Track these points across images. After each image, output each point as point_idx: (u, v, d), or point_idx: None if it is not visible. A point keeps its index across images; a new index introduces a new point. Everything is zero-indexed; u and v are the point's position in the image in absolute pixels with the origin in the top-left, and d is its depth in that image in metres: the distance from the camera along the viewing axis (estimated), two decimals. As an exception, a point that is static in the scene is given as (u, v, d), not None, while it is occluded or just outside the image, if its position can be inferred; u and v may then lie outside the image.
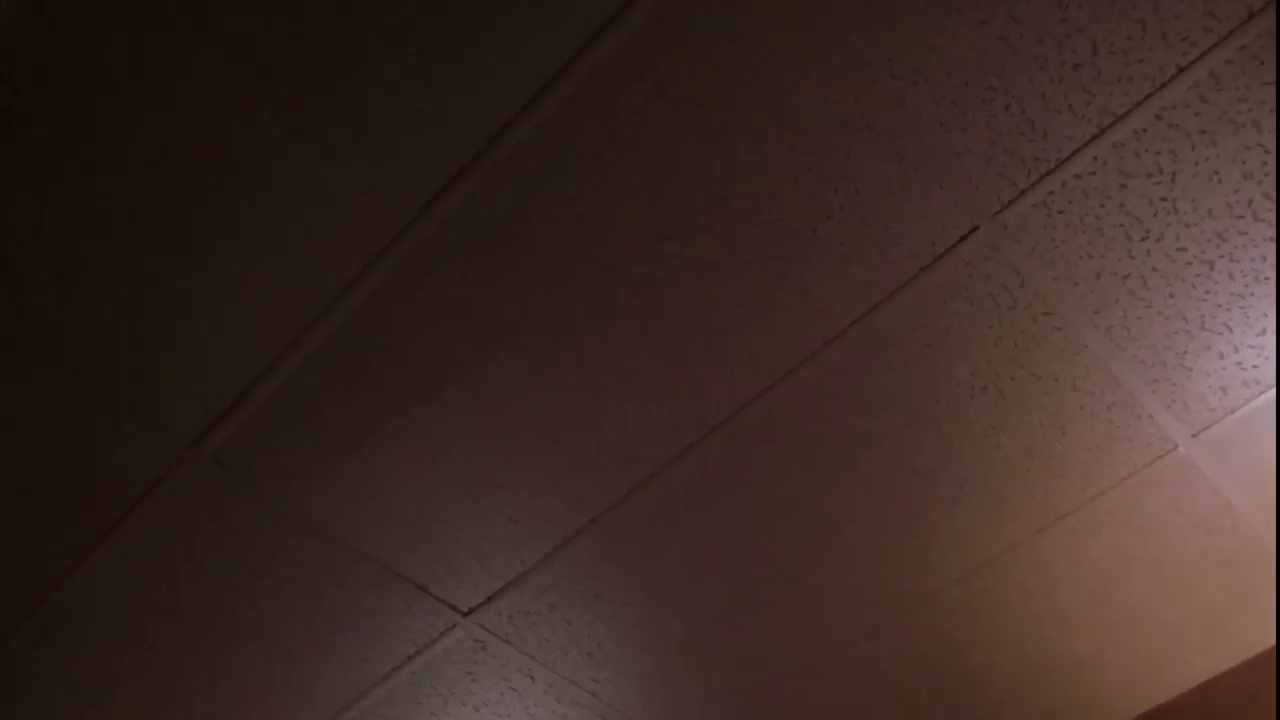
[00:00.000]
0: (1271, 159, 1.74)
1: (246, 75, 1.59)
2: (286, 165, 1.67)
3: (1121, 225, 1.80)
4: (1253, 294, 1.89)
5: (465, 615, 2.22)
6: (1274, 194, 1.78)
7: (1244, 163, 1.74)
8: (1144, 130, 1.70)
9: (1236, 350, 1.96)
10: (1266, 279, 1.88)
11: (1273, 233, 1.82)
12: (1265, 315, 1.92)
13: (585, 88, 1.62)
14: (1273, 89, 1.67)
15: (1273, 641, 2.45)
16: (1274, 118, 1.70)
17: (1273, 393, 2.02)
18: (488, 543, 2.11)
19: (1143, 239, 1.82)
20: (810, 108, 1.65)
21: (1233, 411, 2.04)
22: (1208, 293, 1.89)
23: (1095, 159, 1.73)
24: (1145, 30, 1.62)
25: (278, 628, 2.25)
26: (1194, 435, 2.07)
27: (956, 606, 2.32)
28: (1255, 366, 1.98)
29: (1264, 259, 1.85)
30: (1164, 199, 1.78)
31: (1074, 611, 2.35)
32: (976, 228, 1.80)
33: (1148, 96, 1.68)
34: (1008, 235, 1.80)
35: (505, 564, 2.14)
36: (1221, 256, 1.85)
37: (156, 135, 1.64)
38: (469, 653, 2.28)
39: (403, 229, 1.74)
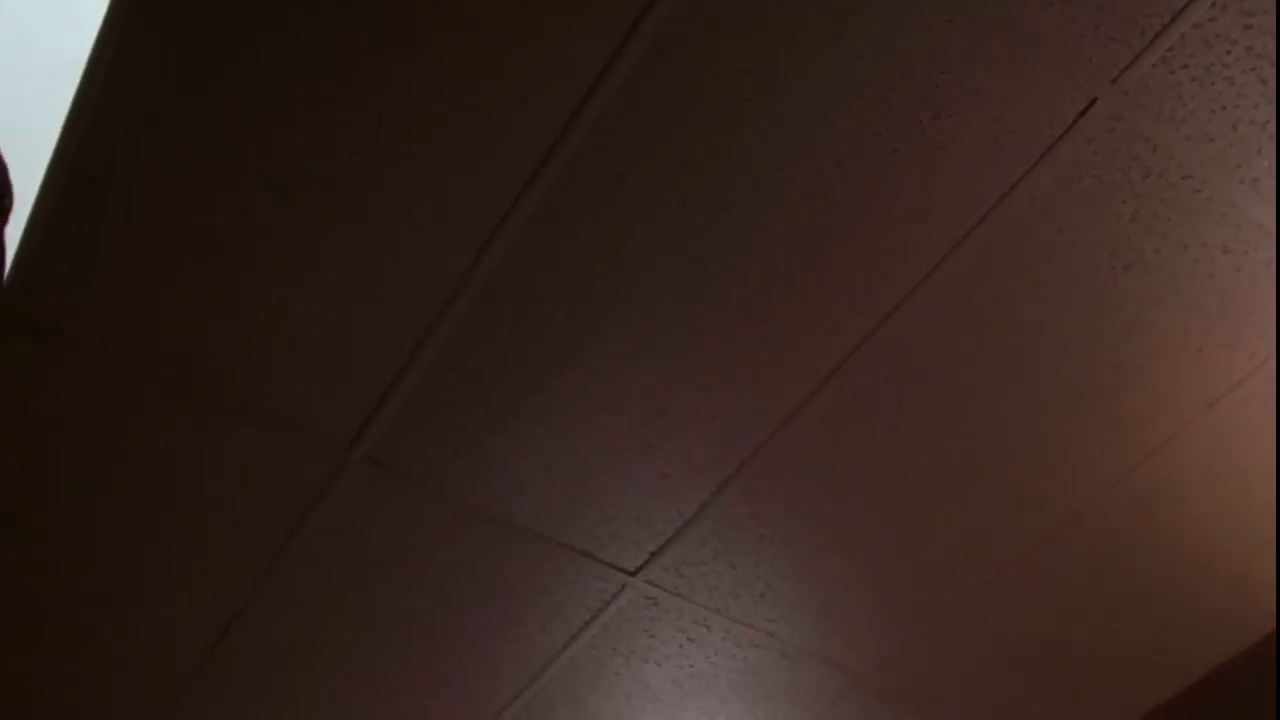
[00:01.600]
0: None
1: (363, 76, 1.61)
2: (405, 147, 1.70)
3: (1253, 69, 1.69)
4: None
5: (633, 575, 2.25)
6: None
7: (1381, -23, 1.61)
8: (1264, -37, 1.59)
9: (1400, 180, 1.82)
10: None
11: None
12: None
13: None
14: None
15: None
16: None
17: None
18: (644, 501, 2.13)
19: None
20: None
21: (1405, 247, 1.90)
22: (1359, 124, 1.75)
23: (1213, 4, 1.62)
24: None
25: (455, 616, 2.31)
26: (1365, 279, 1.94)
27: (1130, 501, 2.23)
28: None
29: None
30: (1296, 32, 1.66)
31: (1261, 481, 2.23)
32: (1095, 100, 1.71)
33: (1263, -75, 1.56)
34: (1129, 101, 1.71)
35: (664, 519, 2.16)
36: (1369, 83, 1.71)
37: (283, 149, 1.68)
38: (642, 611, 2.31)
39: (521, 189, 1.75)
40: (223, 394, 1.94)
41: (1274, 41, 1.66)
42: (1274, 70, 1.69)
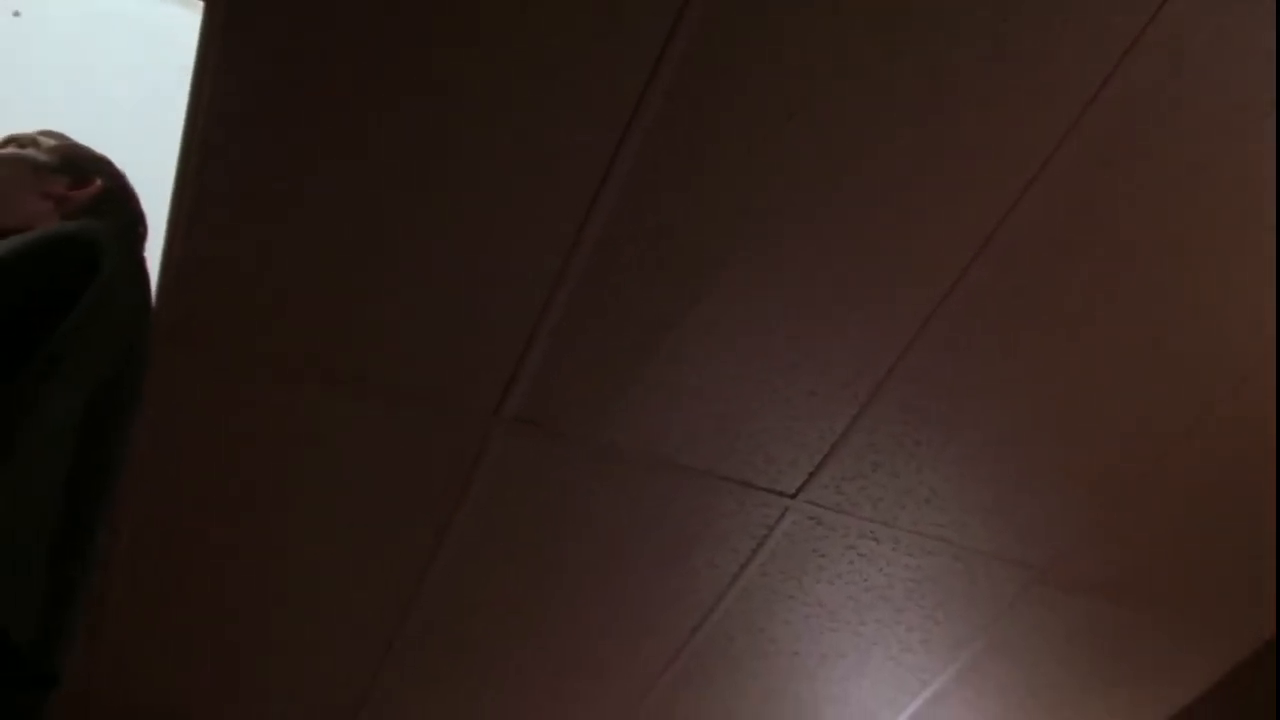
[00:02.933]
0: None
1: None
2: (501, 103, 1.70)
3: None
4: None
5: (793, 497, 2.23)
6: None
7: None
8: None
9: None
10: None
11: None
12: None
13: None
14: None
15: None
16: None
17: None
18: (795, 422, 2.10)
19: None
20: None
21: None
22: None
23: None
24: None
25: (623, 559, 2.35)
26: None
27: (1309, 347, 2.09)
28: None
29: None
30: None
31: None
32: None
33: None
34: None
35: (817, 438, 2.13)
36: None
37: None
38: (808, 531, 2.29)
39: (629, 120, 1.73)
40: (369, 379, 2.00)
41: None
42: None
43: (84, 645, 2.43)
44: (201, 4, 1.56)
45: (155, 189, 1.72)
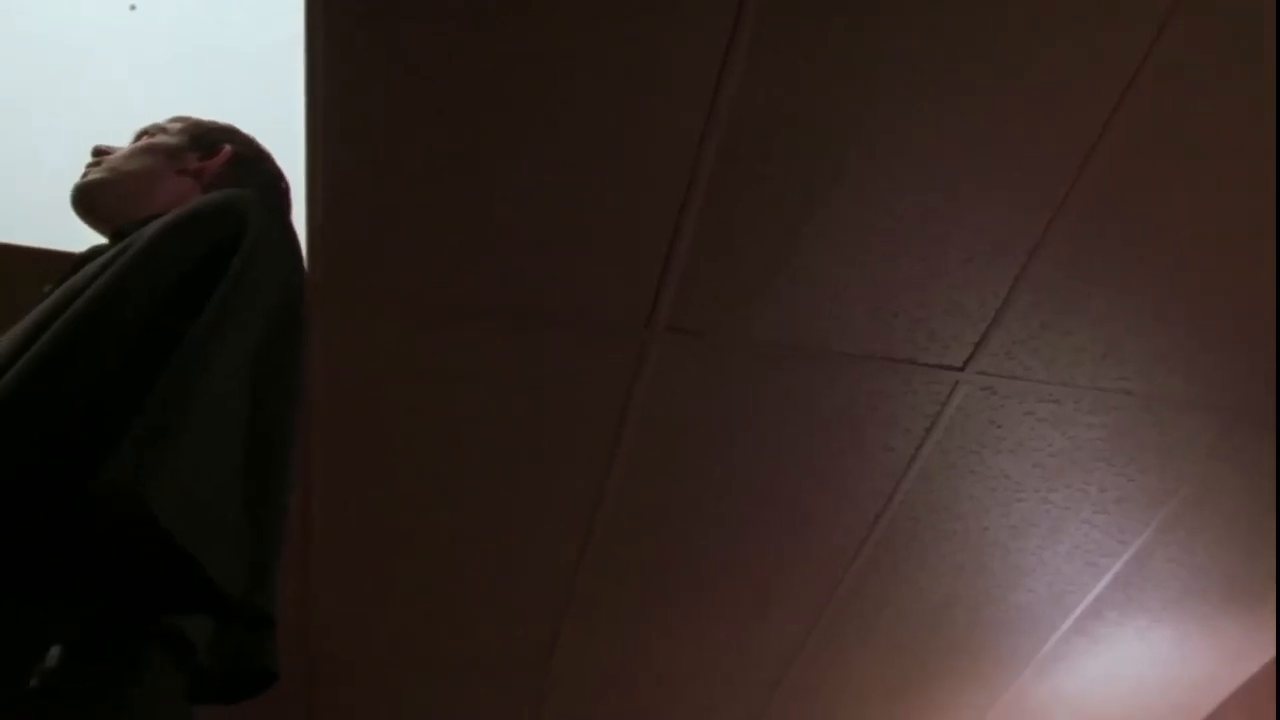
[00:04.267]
0: None
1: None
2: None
3: None
4: None
5: (962, 370, 2.16)
6: None
7: None
8: None
9: None
10: None
11: None
12: None
13: None
14: None
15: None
16: None
17: None
18: (954, 292, 2.03)
19: None
20: None
21: None
22: None
23: None
24: None
25: (796, 458, 2.32)
26: None
27: None
28: None
29: None
30: None
31: None
32: None
33: None
34: None
35: (980, 304, 2.05)
36: None
37: (484, 66, 1.69)
38: (982, 402, 2.22)
39: (735, 17, 1.67)
40: (519, 311, 2.02)
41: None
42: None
43: (297, 590, 2.58)
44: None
45: (285, 156, 1.75)
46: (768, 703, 3.05)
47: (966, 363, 2.15)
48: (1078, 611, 2.73)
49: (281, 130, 1.72)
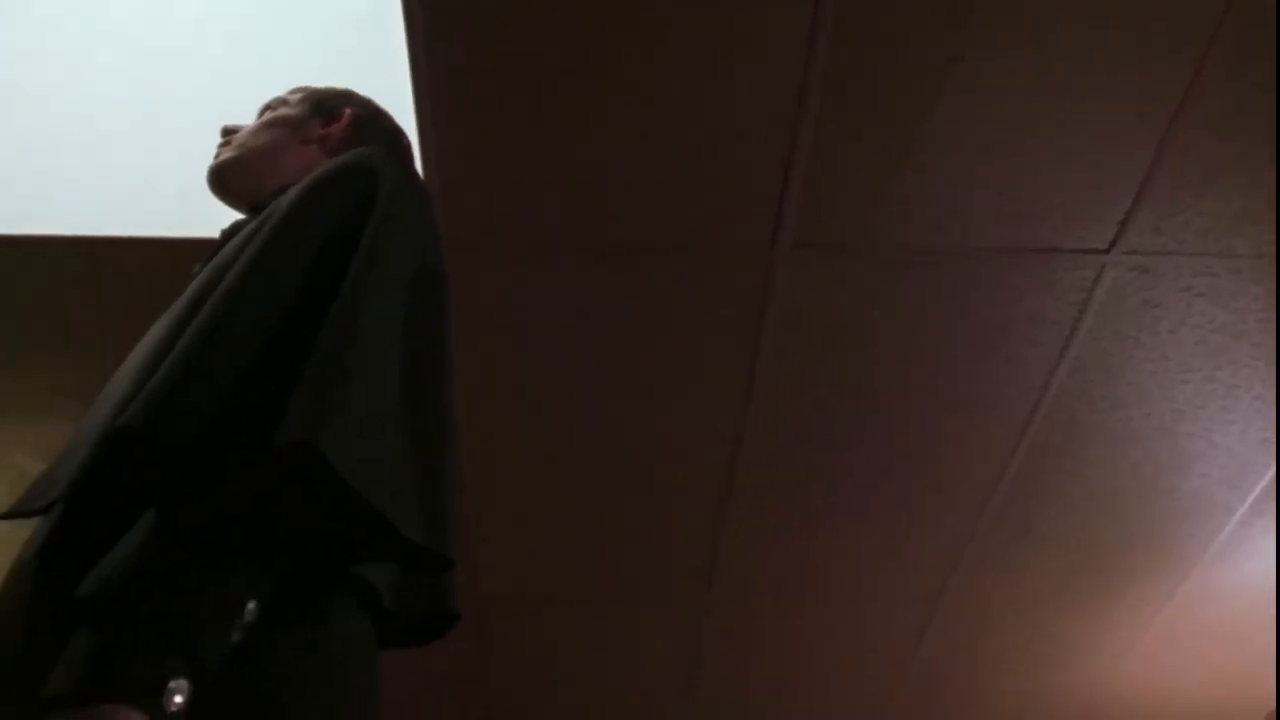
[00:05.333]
0: None
1: None
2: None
3: None
4: None
5: (1108, 252, 2.05)
6: None
7: None
8: None
9: None
10: None
11: None
12: None
13: None
14: None
15: None
16: None
17: None
18: (1091, 170, 1.92)
19: None
20: None
21: None
22: None
23: None
24: None
25: (939, 364, 2.26)
26: None
27: None
28: None
29: None
30: None
31: None
32: None
33: None
34: None
35: (1121, 180, 1.93)
36: None
37: None
38: (1133, 283, 2.11)
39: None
40: (644, 245, 2.00)
41: None
42: None
43: (461, 534, 2.65)
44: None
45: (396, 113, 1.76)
46: (930, 614, 3.01)
47: (1112, 244, 2.04)
48: (1255, 493, 2.60)
49: (391, 93, 1.72)
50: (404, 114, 1.77)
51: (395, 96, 1.74)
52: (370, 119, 1.43)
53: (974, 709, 3.46)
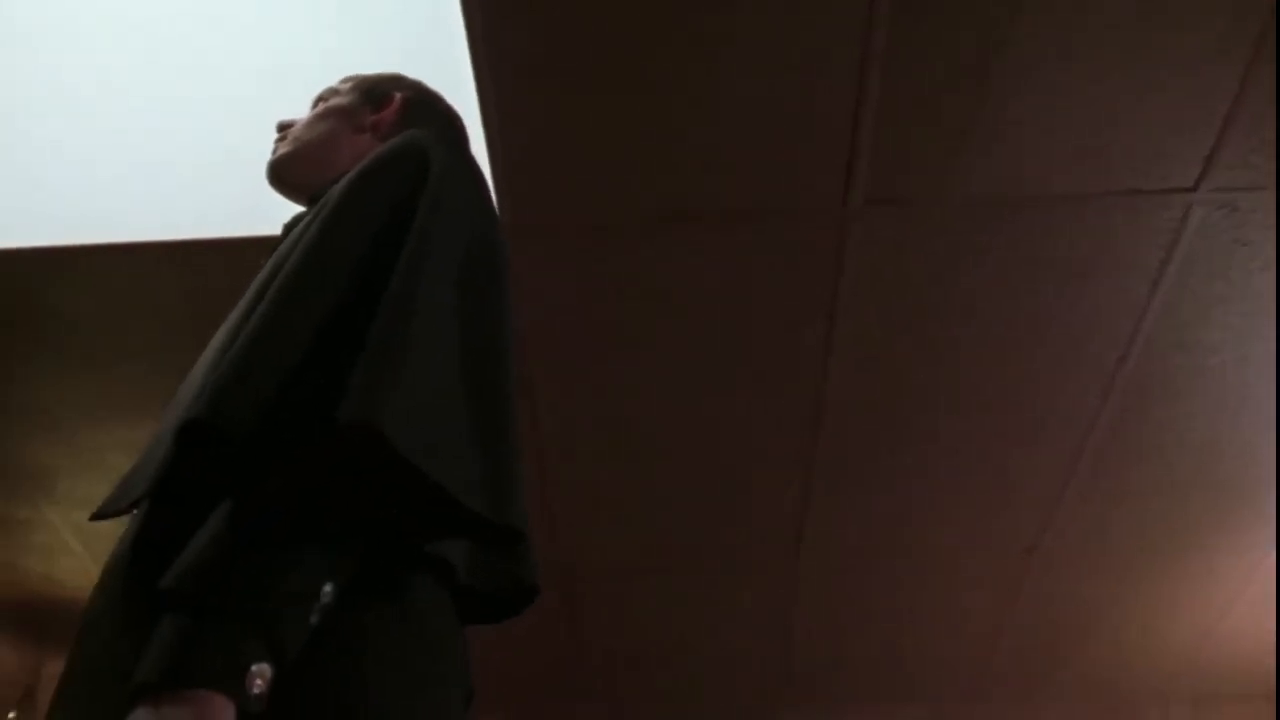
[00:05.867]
0: None
1: None
2: None
3: None
4: None
5: (1195, 190, 1.98)
6: None
7: None
8: None
9: None
10: None
11: None
12: None
13: None
14: None
15: None
16: None
17: None
18: (1173, 105, 1.85)
19: None
20: None
21: None
22: None
23: None
24: None
25: (1022, 314, 2.21)
26: None
27: None
28: None
29: None
30: None
31: None
32: None
33: None
34: None
35: (1205, 114, 1.86)
36: None
37: None
38: (1222, 221, 2.03)
39: None
40: (715, 208, 1.99)
41: None
42: None
43: (543, 510, 2.69)
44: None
45: (458, 98, 1.77)
46: (1023, 569, 2.97)
47: (1198, 181, 1.96)
48: (1361, 434, 2.50)
49: (449, 70, 1.73)
50: (464, 90, 1.78)
51: (453, 73, 1.75)
52: (420, 101, 1.44)
53: (1075, 663, 3.41)
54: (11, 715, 3.18)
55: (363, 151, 1.32)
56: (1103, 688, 3.53)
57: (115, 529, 1.02)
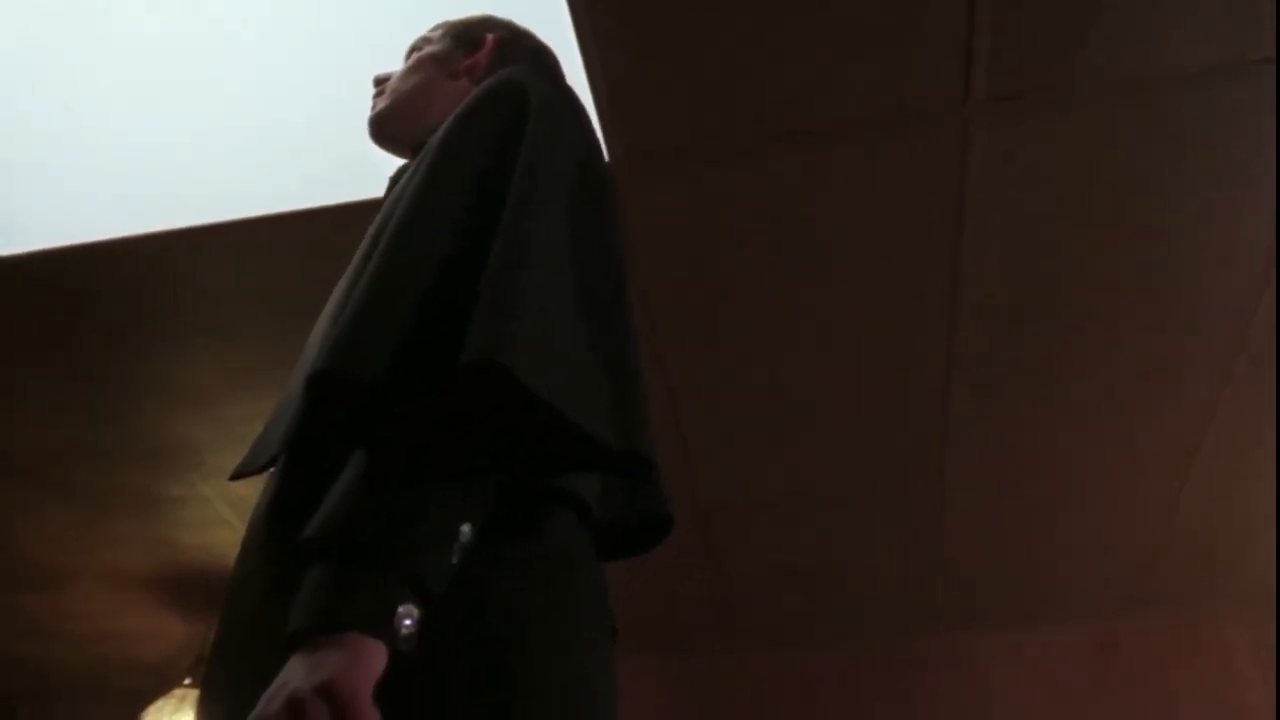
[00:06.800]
0: None
1: None
2: None
3: None
4: None
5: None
6: None
7: None
8: None
9: None
10: None
11: None
12: None
13: None
14: None
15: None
16: None
17: None
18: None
19: None
20: None
21: None
22: None
23: None
24: None
25: (1162, 204, 2.08)
26: None
27: None
28: None
29: None
30: None
31: None
32: None
33: None
34: None
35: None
36: None
37: None
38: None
39: None
40: (833, 122, 1.92)
41: None
42: None
43: (676, 444, 2.67)
44: None
45: (551, 24, 1.73)
46: (1185, 473, 2.82)
47: (1358, 36, 1.80)
48: None
49: (546, 4, 1.70)
50: (560, 20, 1.74)
51: (548, 2, 1.72)
52: (512, 39, 1.42)
53: (1237, 570, 3.25)
54: (187, 681, 3.35)
55: (460, 97, 1.34)
56: (1266, 596, 3.37)
57: (263, 497, 1.03)
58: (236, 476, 1.02)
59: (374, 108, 1.41)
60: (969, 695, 3.44)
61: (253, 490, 2.90)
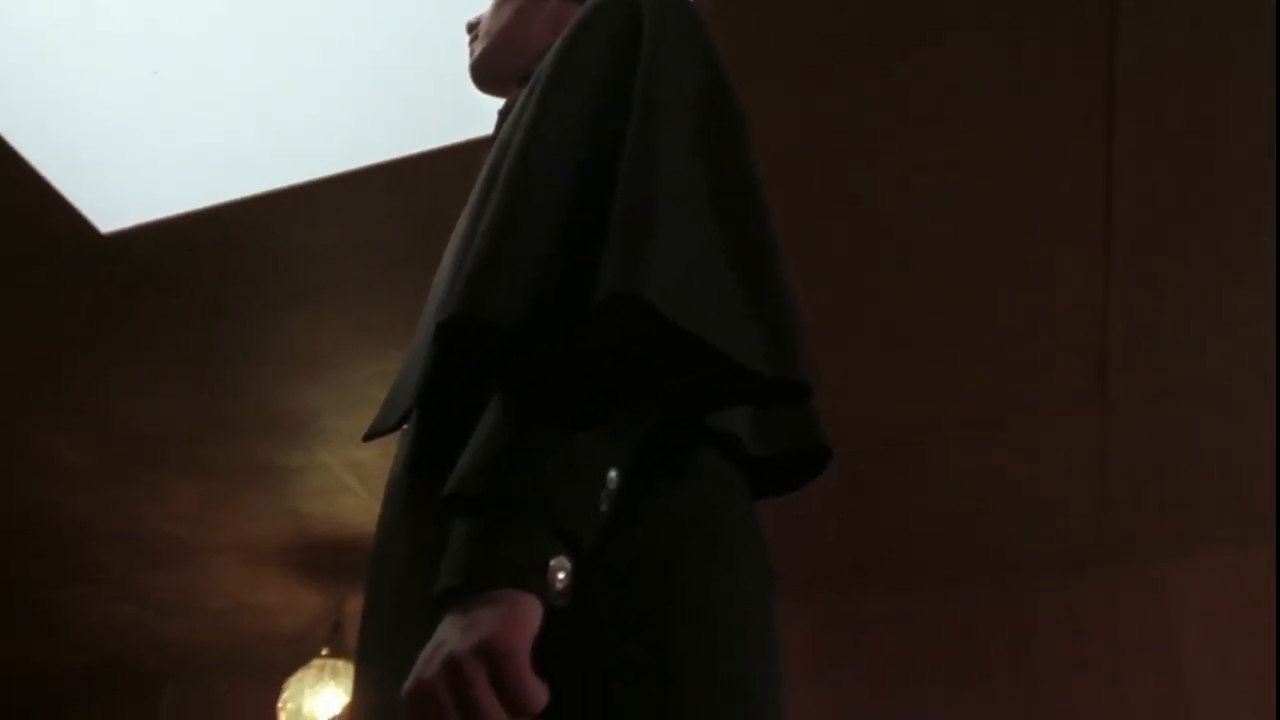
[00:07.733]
0: None
1: None
2: None
3: None
4: None
5: None
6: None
7: None
8: None
9: None
10: None
11: None
12: None
13: None
14: None
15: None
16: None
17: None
18: None
19: None
20: None
21: None
22: None
23: None
24: None
25: None
26: None
27: None
28: None
29: None
30: None
31: None
32: None
33: None
34: None
35: None
36: None
37: None
38: None
39: None
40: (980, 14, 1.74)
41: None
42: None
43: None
44: None
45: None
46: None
47: None
48: None
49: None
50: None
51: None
52: None
53: None
54: (325, 651, 3.37)
55: (558, 17, 1.28)
56: None
57: (389, 462, 0.98)
58: (370, 437, 0.98)
59: (472, 53, 1.35)
60: (1150, 621, 3.23)
61: (374, 454, 2.86)
